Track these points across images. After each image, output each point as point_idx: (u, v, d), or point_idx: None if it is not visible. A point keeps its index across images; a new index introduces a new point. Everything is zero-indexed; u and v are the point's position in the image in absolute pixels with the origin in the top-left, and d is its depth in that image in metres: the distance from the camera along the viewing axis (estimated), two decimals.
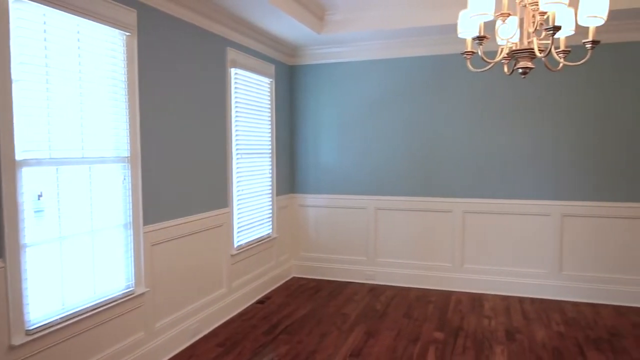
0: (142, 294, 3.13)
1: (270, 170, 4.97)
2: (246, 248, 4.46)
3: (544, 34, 2.28)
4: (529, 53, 2.35)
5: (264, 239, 4.81)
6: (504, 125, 4.67)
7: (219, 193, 4.04)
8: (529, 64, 2.40)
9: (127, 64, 2.99)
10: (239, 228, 4.36)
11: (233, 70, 4.20)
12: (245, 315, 4.20)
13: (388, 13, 4.36)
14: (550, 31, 2.07)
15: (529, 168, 4.62)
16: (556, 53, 2.41)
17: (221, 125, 4.06)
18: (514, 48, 2.42)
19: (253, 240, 4.63)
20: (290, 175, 5.45)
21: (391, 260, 5.12)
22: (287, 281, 5.28)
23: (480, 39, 2.32)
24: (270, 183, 4.97)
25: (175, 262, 3.49)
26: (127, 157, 3.03)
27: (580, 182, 4.48)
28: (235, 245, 4.31)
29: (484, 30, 2.31)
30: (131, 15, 2.97)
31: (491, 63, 2.50)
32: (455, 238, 4.88)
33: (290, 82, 5.41)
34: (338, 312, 4.25)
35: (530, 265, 4.66)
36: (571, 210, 4.51)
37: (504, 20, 2.31)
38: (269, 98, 4.92)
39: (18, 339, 2.30)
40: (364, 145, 5.15)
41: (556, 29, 2.06)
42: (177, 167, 3.51)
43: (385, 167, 5.09)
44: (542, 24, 2.25)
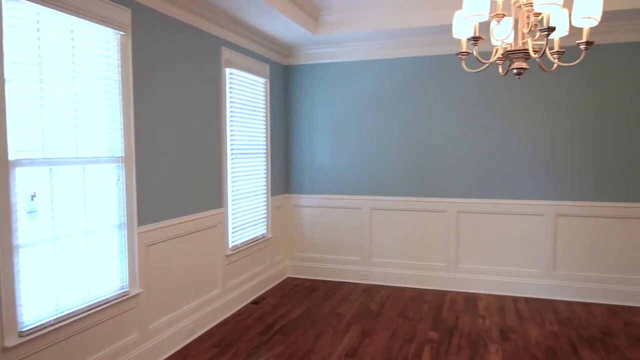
0: (137, 295, 3.12)
1: (265, 171, 4.96)
2: (241, 248, 4.45)
3: (538, 34, 2.29)
4: (524, 54, 2.36)
5: (258, 240, 4.81)
6: (498, 126, 4.69)
7: (213, 193, 4.03)
8: (524, 65, 2.41)
9: (122, 64, 2.97)
10: (233, 228, 4.35)
11: (228, 70, 4.19)
12: (240, 316, 4.19)
13: (383, 13, 4.37)
14: (545, 32, 2.09)
15: (523, 168, 4.64)
16: (550, 54, 2.42)
17: (216, 125, 4.05)
18: (509, 49, 2.42)
19: (248, 240, 4.62)
20: (285, 175, 5.45)
21: (386, 260, 5.13)
22: (282, 281, 5.28)
23: (475, 39, 2.34)
24: (265, 183, 4.97)
25: (169, 263, 3.47)
26: (122, 157, 3.01)
27: (573, 182, 4.51)
28: (230, 245, 4.30)
29: (479, 31, 2.32)
30: (125, 15, 2.95)
31: (486, 64, 2.51)
32: (449, 238, 4.90)
33: (285, 82, 5.40)
34: (333, 312, 4.25)
35: (524, 265, 4.69)
36: (565, 210, 4.54)
37: (498, 21, 2.33)
38: (264, 98, 4.92)
39: (11, 341, 2.28)
40: (359, 146, 5.15)
41: (550, 29, 2.07)
42: (172, 167, 3.49)
43: (380, 167, 5.09)
44: (537, 25, 2.26)
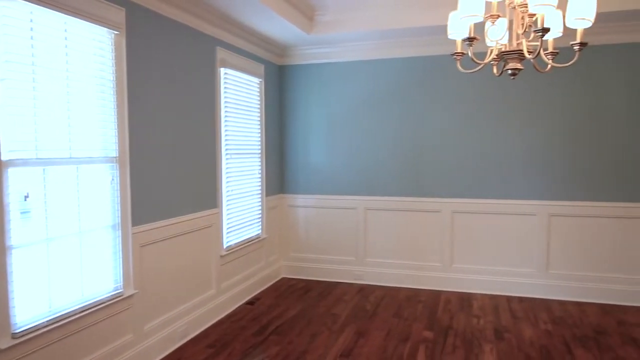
0: (131, 296, 3.10)
1: (260, 171, 4.95)
2: (235, 249, 4.44)
3: (532, 35, 2.30)
4: (518, 54, 2.37)
5: (253, 240, 4.80)
6: (493, 126, 4.71)
7: (208, 193, 4.02)
8: (518, 65, 2.43)
9: (116, 63, 2.95)
10: (228, 229, 4.34)
11: (222, 70, 4.18)
12: (234, 317, 4.18)
13: (378, 14, 4.37)
14: (539, 33, 2.10)
15: (517, 168, 4.67)
16: (544, 55, 2.44)
17: (210, 125, 4.04)
18: (503, 49, 2.44)
19: (242, 241, 4.61)
20: (279, 175, 5.44)
21: (380, 260, 5.13)
22: (277, 282, 5.27)
23: (470, 40, 2.34)
24: (260, 183, 4.96)
25: (164, 264, 3.46)
26: (116, 157, 2.99)
27: (567, 183, 4.54)
28: (225, 246, 4.29)
29: (474, 32, 2.33)
30: (120, 14, 2.94)
31: (481, 64, 2.52)
32: (444, 238, 4.91)
33: (279, 82, 5.40)
34: (328, 313, 4.25)
35: (518, 264, 4.71)
36: (558, 210, 4.57)
37: (493, 22, 2.34)
38: (259, 98, 4.91)
39: (4, 343, 2.26)
40: (353, 146, 5.16)
41: (545, 30, 2.08)
42: (166, 168, 3.48)
43: (374, 168, 5.10)
44: (531, 26, 2.27)
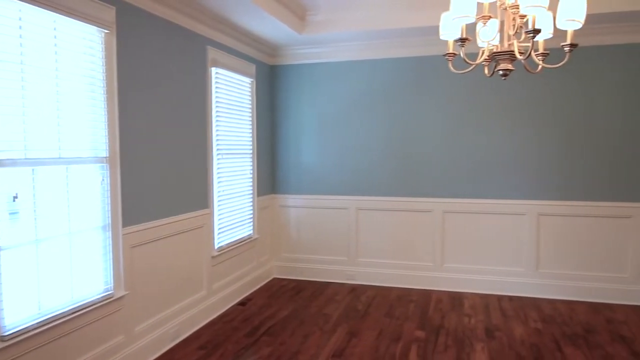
0: (121, 297, 3.07)
1: (251, 171, 4.94)
2: (227, 249, 4.42)
3: (523, 36, 2.32)
4: (509, 55, 2.39)
5: (244, 240, 4.78)
6: (484, 126, 4.75)
7: (199, 194, 3.99)
8: (509, 66, 2.44)
9: (106, 62, 2.92)
10: (219, 229, 4.32)
11: (214, 70, 4.16)
12: (226, 317, 4.16)
13: (370, 14, 4.38)
14: (531, 34, 2.11)
15: (508, 168, 4.70)
16: (535, 55, 2.46)
17: (202, 125, 4.02)
18: (495, 50, 2.45)
19: (234, 241, 4.58)
20: (271, 175, 5.42)
21: (372, 260, 5.14)
22: (268, 282, 5.25)
23: (462, 40, 2.36)
24: (251, 183, 4.94)
25: (155, 265, 3.43)
26: (106, 158, 2.96)
27: (555, 182, 4.59)
28: (216, 246, 4.26)
29: (465, 33, 2.34)
30: (110, 13, 2.91)
31: (472, 65, 2.54)
32: (435, 238, 4.94)
33: (271, 82, 5.38)
34: (320, 313, 4.25)
35: (508, 263, 4.75)
36: (547, 210, 4.61)
37: (484, 23, 2.35)
38: (250, 98, 4.89)
39: None
40: (345, 146, 5.16)
41: (536, 31, 2.10)
42: (157, 168, 3.45)
43: (366, 168, 5.11)
44: (522, 27, 2.29)
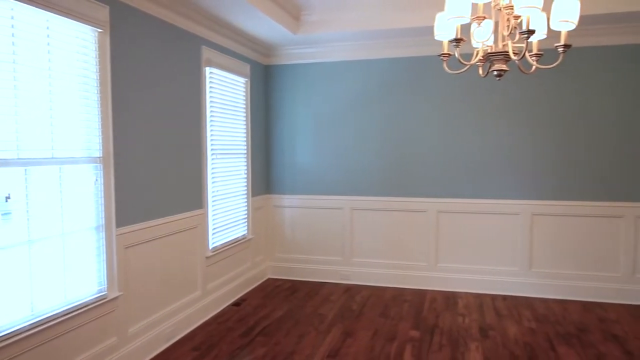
0: (115, 298, 3.05)
1: (246, 171, 4.92)
2: (221, 250, 4.41)
3: (518, 37, 2.33)
4: (504, 56, 2.40)
5: (239, 241, 4.76)
6: (478, 126, 4.76)
7: (193, 194, 3.98)
8: (504, 67, 2.45)
9: (99, 62, 2.90)
10: (214, 229, 4.30)
11: (208, 70, 4.14)
12: (220, 318, 4.15)
13: (364, 14, 4.38)
14: (525, 34, 2.13)
15: (502, 168, 4.72)
16: (529, 56, 2.47)
17: (196, 125, 4.00)
18: (489, 51, 2.46)
19: (228, 241, 4.57)
20: (265, 175, 5.41)
21: (367, 260, 5.15)
22: (263, 282, 5.24)
23: (457, 41, 2.36)
24: (246, 184, 4.93)
25: (149, 265, 3.41)
26: (99, 158, 2.94)
27: (549, 182, 4.61)
28: (211, 247, 4.25)
29: (460, 33, 2.35)
30: (103, 12, 2.89)
31: (467, 65, 2.55)
32: (429, 238, 4.95)
33: (265, 82, 5.37)
34: (315, 313, 4.25)
35: (502, 263, 4.77)
36: (541, 210, 4.64)
37: (479, 24, 2.36)
38: (244, 98, 4.88)
39: None
40: (340, 146, 5.16)
41: (530, 32, 2.11)
42: (151, 168, 3.43)
43: (361, 168, 5.11)
44: (516, 28, 2.30)
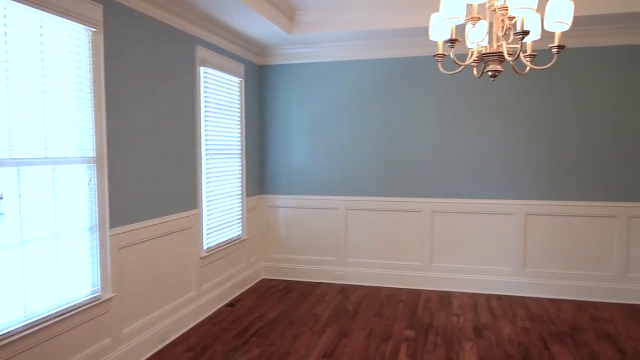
0: (109, 299, 3.03)
1: (240, 171, 4.91)
2: (216, 250, 4.39)
3: (512, 38, 2.34)
4: (498, 56, 2.41)
5: (233, 241, 4.75)
6: (473, 126, 4.78)
7: (188, 194, 3.96)
8: (498, 67, 2.46)
9: (93, 61, 2.88)
10: (208, 230, 4.29)
11: (202, 69, 4.13)
12: (215, 319, 4.13)
13: (359, 15, 4.39)
14: (519, 35, 2.14)
15: (497, 168, 4.75)
16: (523, 57, 2.48)
17: (190, 125, 3.98)
18: (484, 51, 2.47)
19: (223, 242, 4.56)
20: (260, 176, 5.40)
21: (361, 260, 5.15)
22: (257, 283, 5.23)
23: (452, 41, 2.37)
24: (240, 184, 4.91)
25: (143, 266, 3.39)
26: (93, 158, 2.92)
27: (542, 183, 4.64)
28: (205, 247, 4.23)
29: (455, 34, 2.36)
30: (97, 11, 2.87)
31: (462, 66, 2.55)
32: (424, 237, 4.96)
33: (260, 82, 5.36)
34: (309, 313, 4.24)
35: (496, 263, 4.79)
36: (534, 209, 4.67)
37: (474, 24, 2.37)
38: (239, 98, 4.87)
39: None
40: (334, 146, 5.16)
41: (525, 33, 2.12)
42: (145, 168, 3.41)
43: (355, 168, 5.11)
44: (511, 29, 2.31)
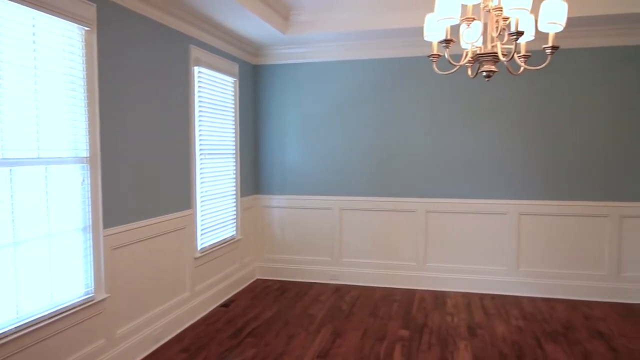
0: (102, 300, 3.01)
1: (235, 171, 4.90)
2: (210, 250, 4.38)
3: (506, 38, 2.35)
4: (493, 57, 2.42)
5: (228, 241, 4.74)
6: (467, 127, 4.80)
7: (182, 194, 3.94)
8: (493, 68, 2.47)
9: (86, 61, 2.86)
10: (202, 230, 4.27)
11: (197, 69, 4.11)
12: (209, 319, 4.12)
13: (354, 15, 4.39)
14: (514, 36, 2.15)
15: (490, 168, 4.77)
16: (517, 57, 2.50)
17: (184, 124, 3.97)
18: (478, 52, 2.49)
19: (217, 242, 4.54)
20: (254, 176, 5.39)
21: (356, 260, 5.16)
22: (251, 283, 5.22)
23: (447, 42, 2.38)
24: (235, 184, 4.90)
25: (136, 267, 3.37)
26: (86, 158, 2.90)
27: (535, 182, 4.67)
28: (199, 247, 4.22)
29: (450, 34, 2.37)
30: (90, 10, 2.85)
31: (456, 66, 2.56)
32: (418, 237, 4.97)
33: (254, 82, 5.35)
34: (304, 313, 4.24)
35: (490, 262, 4.81)
36: (527, 209, 4.69)
37: (468, 25, 2.38)
38: (233, 98, 4.85)
39: None
40: (329, 146, 5.16)
41: (519, 34, 2.14)
42: (139, 168, 3.39)
43: (350, 168, 5.12)
44: (505, 29, 2.33)
